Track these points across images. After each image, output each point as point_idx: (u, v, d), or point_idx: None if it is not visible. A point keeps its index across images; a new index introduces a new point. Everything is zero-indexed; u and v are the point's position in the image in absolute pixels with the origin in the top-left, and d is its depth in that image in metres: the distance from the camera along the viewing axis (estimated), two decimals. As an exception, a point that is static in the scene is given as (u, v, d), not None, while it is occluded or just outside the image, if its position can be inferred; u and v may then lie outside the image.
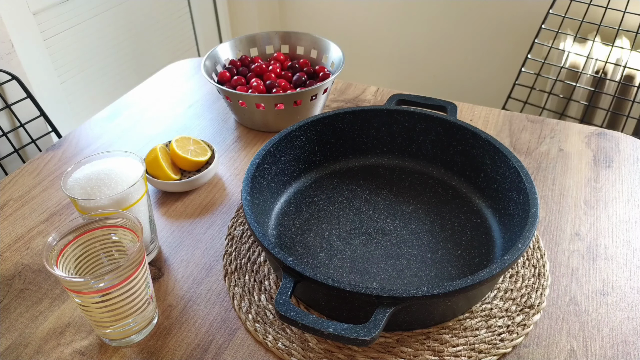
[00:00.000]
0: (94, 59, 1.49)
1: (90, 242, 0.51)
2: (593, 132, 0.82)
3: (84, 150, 0.83)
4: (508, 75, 1.71)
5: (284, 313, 0.45)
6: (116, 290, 0.47)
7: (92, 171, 0.57)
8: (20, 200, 0.73)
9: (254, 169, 0.62)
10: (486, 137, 0.65)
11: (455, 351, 0.52)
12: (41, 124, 1.21)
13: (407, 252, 0.61)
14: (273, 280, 0.60)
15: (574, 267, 0.61)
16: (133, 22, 1.59)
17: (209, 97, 0.96)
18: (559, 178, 0.74)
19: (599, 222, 0.66)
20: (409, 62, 1.89)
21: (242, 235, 0.66)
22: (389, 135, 0.73)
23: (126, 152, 0.60)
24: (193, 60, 1.08)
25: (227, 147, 0.83)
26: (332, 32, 1.94)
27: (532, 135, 0.82)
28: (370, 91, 0.95)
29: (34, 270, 0.62)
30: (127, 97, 0.97)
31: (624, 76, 1.32)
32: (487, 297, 0.57)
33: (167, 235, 0.67)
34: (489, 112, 0.88)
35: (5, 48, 1.17)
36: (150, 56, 1.69)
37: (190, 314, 0.56)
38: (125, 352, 0.53)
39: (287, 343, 0.53)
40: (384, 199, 0.69)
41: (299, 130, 0.69)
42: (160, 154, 0.72)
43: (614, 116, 1.41)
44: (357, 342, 0.43)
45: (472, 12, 1.67)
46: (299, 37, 0.93)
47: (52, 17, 1.33)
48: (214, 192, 0.74)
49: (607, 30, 1.40)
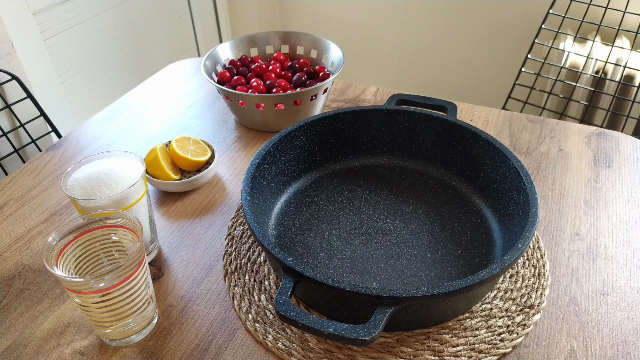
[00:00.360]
0: (94, 59, 1.49)
1: (90, 242, 0.51)
2: (593, 132, 0.82)
3: (84, 150, 0.83)
4: (508, 75, 1.71)
5: (284, 313, 0.45)
6: (116, 290, 0.48)
7: (92, 171, 0.57)
8: (20, 200, 0.73)
9: (254, 169, 0.62)
10: (486, 137, 0.65)
11: (455, 351, 0.52)
12: (41, 124, 1.21)
13: (407, 252, 0.61)
14: (273, 280, 0.60)
15: (574, 267, 0.61)
16: (133, 22, 1.59)
17: (209, 97, 0.96)
18: (559, 178, 0.74)
19: (599, 222, 0.66)
20: (409, 62, 1.89)
21: (242, 235, 0.66)
22: (389, 135, 0.73)
23: (126, 152, 0.60)
24: (193, 60, 1.08)
25: (227, 147, 0.83)
26: (332, 32, 1.94)
27: (532, 135, 0.82)
28: (370, 91, 0.95)
29: (34, 270, 0.62)
30: (127, 97, 0.97)
31: (624, 76, 1.32)
32: (487, 297, 0.57)
33: (167, 235, 0.67)
34: (489, 112, 0.88)
35: (5, 48, 1.17)
36: (150, 56, 1.70)
37: (190, 314, 0.56)
38: (125, 352, 0.53)
39: (287, 343, 0.53)
40: (384, 199, 0.69)
41: (299, 130, 0.69)
42: (160, 154, 0.72)
43: (614, 116, 1.41)
44: (357, 342, 0.43)
45: (472, 12, 1.67)
46: (299, 37, 0.93)
47: (52, 17, 1.33)
48: (214, 192, 0.74)
49: (607, 30, 1.40)
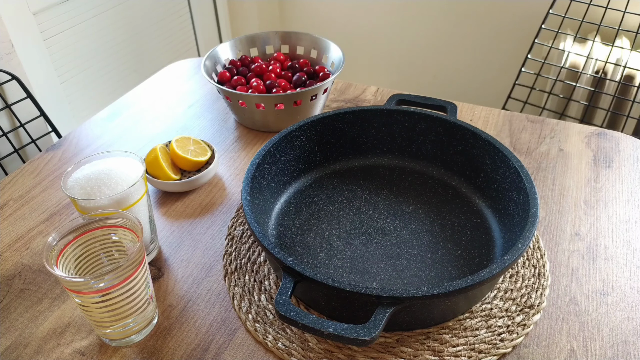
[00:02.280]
0: (94, 59, 1.49)
1: (90, 242, 0.51)
2: (593, 132, 0.82)
3: (84, 150, 0.83)
4: (508, 75, 1.71)
5: (284, 313, 0.45)
6: (116, 290, 0.48)
7: (92, 171, 0.57)
8: (20, 200, 0.73)
9: (254, 169, 0.62)
10: (486, 137, 0.65)
11: (455, 351, 0.52)
12: (41, 124, 1.21)
13: (407, 252, 0.61)
14: (273, 280, 0.60)
15: (574, 267, 0.61)
16: (133, 22, 1.59)
17: (209, 97, 0.96)
18: (559, 178, 0.74)
19: (599, 222, 0.66)
20: (409, 62, 1.89)
21: (242, 235, 0.66)
22: (389, 135, 0.73)
23: (126, 152, 0.60)
24: (193, 60, 1.08)
25: (227, 147, 0.83)
26: (332, 32, 1.94)
27: (532, 135, 0.82)
28: (370, 91, 0.95)
29: (34, 270, 0.62)
30: (127, 97, 0.97)
31: (624, 76, 1.32)
32: (487, 297, 0.57)
33: (167, 235, 0.67)
34: (489, 112, 0.88)
35: (5, 48, 1.17)
36: (150, 56, 1.69)
37: (190, 314, 0.56)
38: (125, 352, 0.53)
39: (287, 343, 0.53)
40: (384, 199, 0.69)
41: (299, 130, 0.69)
42: (160, 154, 0.72)
43: (614, 116, 1.41)
44: (357, 342, 0.43)
45: (472, 12, 1.67)
46: (299, 37, 0.93)
47: (52, 17, 1.33)
48: (214, 192, 0.74)
49: (607, 30, 1.40)
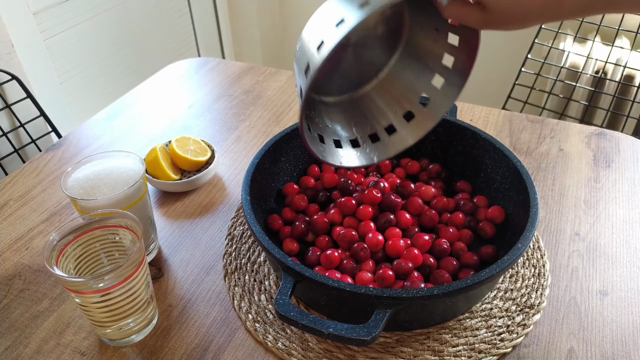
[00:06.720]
0: (94, 59, 1.49)
1: (90, 242, 0.51)
2: (593, 132, 0.82)
3: (84, 150, 0.83)
4: (508, 75, 1.70)
5: (284, 313, 0.45)
6: (116, 290, 0.48)
7: (92, 171, 0.57)
8: (20, 200, 0.73)
9: (254, 169, 0.62)
10: (486, 137, 0.65)
11: (455, 351, 0.52)
12: (41, 124, 1.21)
13: (407, 252, 0.61)
14: (273, 280, 0.60)
15: (574, 267, 0.61)
16: (133, 22, 1.59)
17: (209, 97, 0.96)
18: (559, 178, 0.74)
19: (599, 222, 0.66)
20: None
21: (242, 235, 0.66)
22: (389, 135, 0.73)
23: (126, 152, 0.60)
24: (193, 60, 1.08)
25: (227, 147, 0.83)
26: (332, 32, 1.93)
27: (532, 135, 0.82)
28: (370, 91, 0.95)
29: (34, 270, 0.62)
30: (127, 97, 0.97)
31: (624, 76, 1.32)
32: (487, 297, 0.57)
33: (167, 235, 0.67)
34: (489, 112, 0.88)
35: (5, 48, 1.17)
36: (150, 56, 1.69)
37: (190, 314, 0.56)
38: (125, 352, 0.53)
39: (287, 343, 0.53)
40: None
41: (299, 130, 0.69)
42: (160, 154, 0.72)
43: (614, 116, 1.41)
44: (357, 342, 0.43)
45: (472, 12, 1.67)
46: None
47: (52, 17, 1.33)
48: (214, 192, 0.74)
49: (607, 30, 1.40)
